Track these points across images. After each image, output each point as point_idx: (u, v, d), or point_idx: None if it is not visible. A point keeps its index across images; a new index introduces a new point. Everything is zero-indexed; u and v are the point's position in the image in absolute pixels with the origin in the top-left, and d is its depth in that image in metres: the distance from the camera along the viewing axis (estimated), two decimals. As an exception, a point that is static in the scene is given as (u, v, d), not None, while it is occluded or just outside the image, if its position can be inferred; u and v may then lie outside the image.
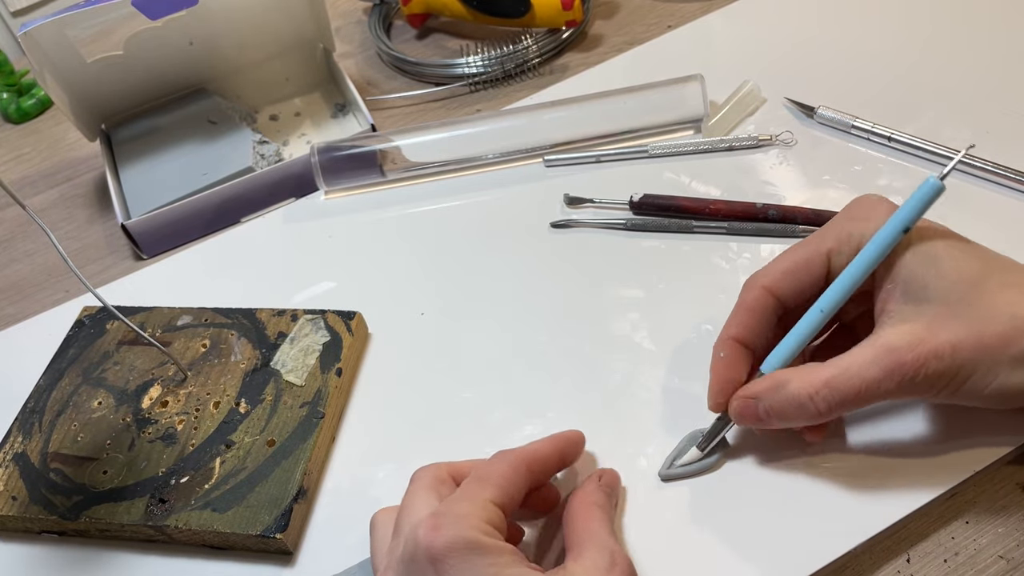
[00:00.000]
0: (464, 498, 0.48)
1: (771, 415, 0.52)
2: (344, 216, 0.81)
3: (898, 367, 0.48)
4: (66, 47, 0.84)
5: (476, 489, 0.49)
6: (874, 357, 0.49)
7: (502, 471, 0.50)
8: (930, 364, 0.48)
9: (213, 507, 0.59)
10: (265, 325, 0.69)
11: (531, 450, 0.53)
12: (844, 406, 0.50)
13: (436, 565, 0.45)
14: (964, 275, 0.49)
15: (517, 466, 0.51)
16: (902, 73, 0.81)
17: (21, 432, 0.65)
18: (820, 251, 0.53)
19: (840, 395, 0.49)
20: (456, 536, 0.45)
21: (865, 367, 0.49)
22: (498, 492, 0.49)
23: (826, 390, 0.50)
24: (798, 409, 0.51)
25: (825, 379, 0.50)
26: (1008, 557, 0.52)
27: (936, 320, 0.49)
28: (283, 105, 0.96)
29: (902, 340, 0.49)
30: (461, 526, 0.46)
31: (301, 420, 0.62)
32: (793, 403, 0.51)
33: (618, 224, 0.74)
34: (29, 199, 0.93)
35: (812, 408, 0.50)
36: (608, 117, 0.81)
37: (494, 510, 0.48)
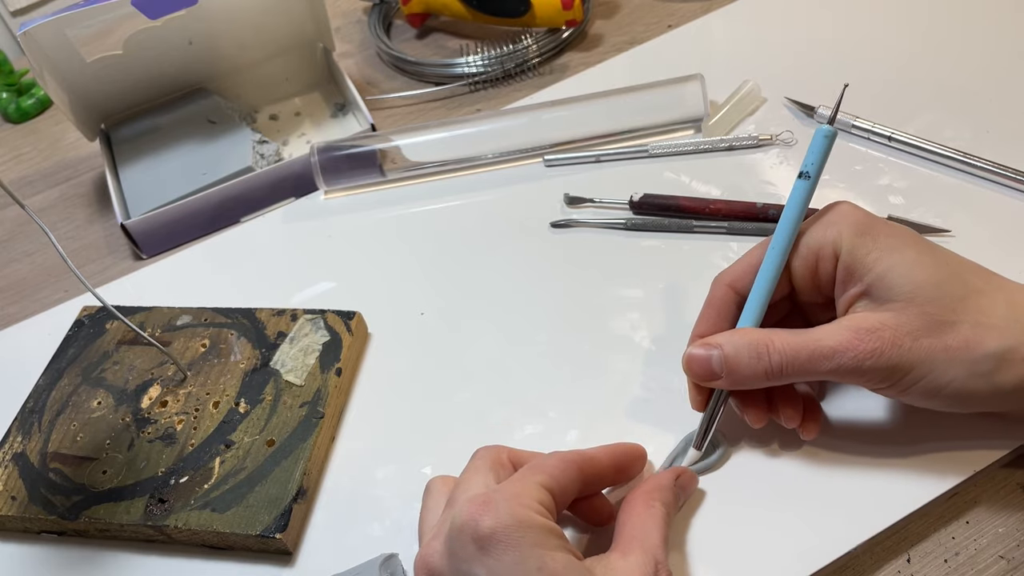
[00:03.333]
0: (517, 480, 0.48)
1: (725, 367, 0.52)
2: (344, 216, 0.81)
3: (856, 343, 0.49)
4: (65, 47, 0.84)
5: (529, 474, 0.49)
6: (837, 329, 0.50)
7: (555, 463, 0.50)
8: (887, 351, 0.48)
9: (212, 507, 0.59)
10: (265, 325, 0.69)
11: (587, 454, 0.52)
12: (796, 368, 0.50)
13: (481, 544, 0.45)
14: (931, 279, 0.49)
15: (569, 463, 0.50)
16: (902, 73, 0.81)
17: (20, 432, 0.65)
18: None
19: (793, 352, 0.50)
20: (505, 515, 0.45)
21: (826, 335, 0.50)
22: (550, 480, 0.48)
23: (782, 344, 0.50)
24: (753, 360, 0.51)
25: (784, 336, 0.51)
26: (1008, 557, 0.52)
27: (902, 314, 0.49)
28: (283, 105, 0.96)
29: (867, 322, 0.49)
30: (511, 504, 0.45)
31: (301, 420, 0.62)
32: (749, 352, 0.51)
33: (618, 224, 0.74)
34: (28, 199, 0.93)
35: (766, 362, 0.51)
36: (608, 117, 0.81)
37: (546, 493, 0.48)
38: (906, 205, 0.70)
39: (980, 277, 0.51)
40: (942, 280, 0.50)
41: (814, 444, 0.56)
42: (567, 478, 0.50)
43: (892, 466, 0.55)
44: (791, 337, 0.51)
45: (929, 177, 0.72)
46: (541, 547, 0.44)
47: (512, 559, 0.44)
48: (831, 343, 0.49)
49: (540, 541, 0.44)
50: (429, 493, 0.54)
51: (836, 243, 0.52)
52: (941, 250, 0.52)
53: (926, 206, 0.69)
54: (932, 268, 0.50)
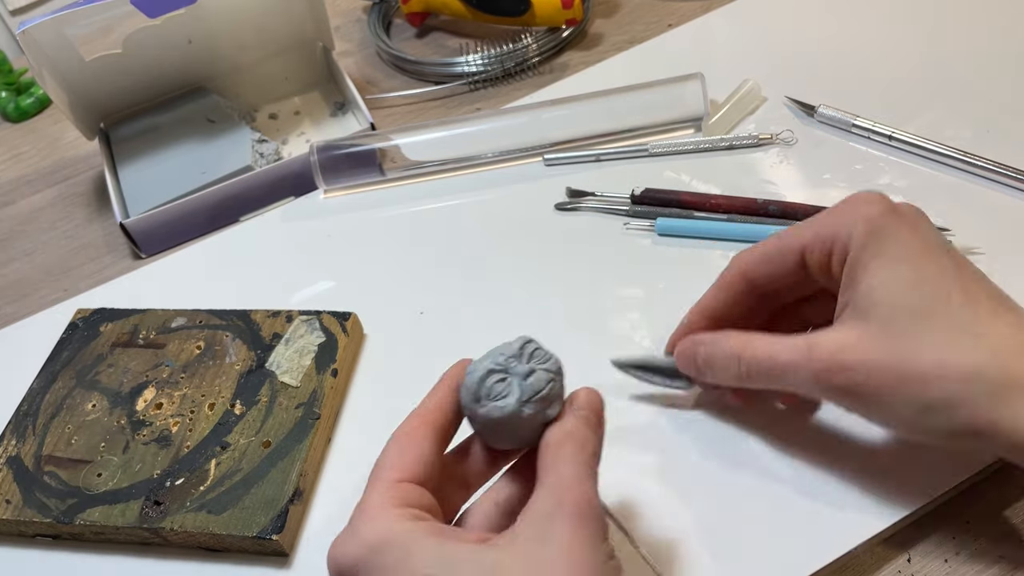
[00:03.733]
0: (367, 490, 0.45)
1: (706, 364, 0.54)
2: (343, 215, 0.81)
3: (807, 363, 0.48)
4: (65, 45, 0.84)
5: (374, 477, 0.46)
6: (795, 347, 0.49)
7: (392, 447, 0.47)
8: (838, 375, 0.47)
9: (208, 509, 0.58)
10: (260, 326, 0.68)
11: (421, 410, 0.49)
12: (760, 378, 0.51)
13: (364, 569, 0.42)
14: (913, 306, 0.46)
15: (407, 434, 0.47)
16: (903, 72, 0.81)
17: (15, 435, 0.65)
18: (794, 247, 0.52)
19: (756, 366, 0.51)
20: (358, 545, 0.42)
21: (784, 351, 0.50)
22: (398, 469, 0.45)
23: (750, 356, 0.51)
24: (726, 363, 0.52)
25: (755, 347, 0.51)
26: (1009, 557, 0.52)
27: (868, 338, 0.47)
28: (282, 104, 0.95)
29: (827, 343, 0.48)
30: (363, 528, 0.43)
31: (297, 421, 0.62)
32: (724, 358, 0.52)
33: (620, 211, 0.74)
34: (27, 198, 0.93)
35: (735, 369, 0.52)
36: (608, 116, 0.81)
37: (400, 489, 0.44)
38: (907, 205, 0.70)
39: (964, 311, 0.46)
40: (924, 308, 0.46)
41: (815, 444, 0.56)
42: (416, 449, 0.46)
43: (893, 466, 0.55)
44: (767, 346, 0.51)
45: (930, 176, 0.72)
46: (405, 561, 0.41)
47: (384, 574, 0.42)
48: (786, 358, 0.50)
49: (401, 555, 0.41)
50: None
51: (847, 239, 0.49)
52: (943, 270, 0.48)
53: (927, 205, 0.68)
54: (919, 293, 0.47)
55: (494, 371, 0.47)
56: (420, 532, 0.42)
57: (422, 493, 0.45)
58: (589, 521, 0.42)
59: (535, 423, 0.47)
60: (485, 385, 0.47)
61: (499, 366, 0.47)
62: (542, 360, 0.48)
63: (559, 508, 0.42)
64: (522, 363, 0.47)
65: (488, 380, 0.47)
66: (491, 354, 0.48)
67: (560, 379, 0.48)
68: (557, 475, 0.44)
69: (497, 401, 0.47)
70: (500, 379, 0.47)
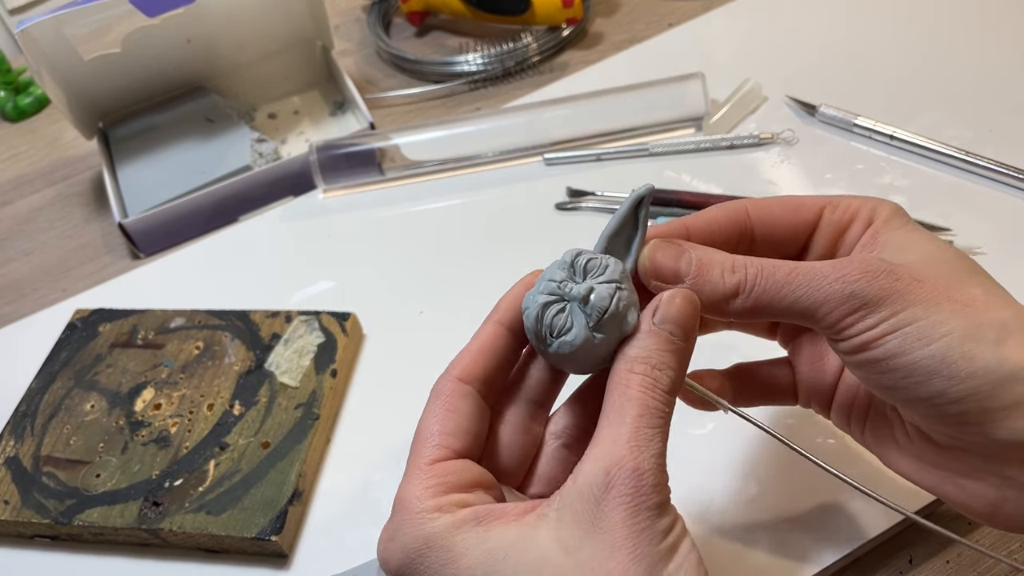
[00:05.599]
0: (404, 484, 0.40)
1: (698, 270, 0.42)
2: (342, 214, 0.81)
3: (846, 265, 0.40)
4: (63, 45, 0.83)
5: (412, 460, 0.41)
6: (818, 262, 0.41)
7: (428, 417, 0.42)
8: (880, 278, 0.40)
9: (207, 510, 0.58)
10: (259, 326, 0.68)
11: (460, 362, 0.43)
12: (771, 287, 0.41)
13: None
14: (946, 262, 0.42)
15: (444, 397, 0.42)
16: (904, 72, 0.81)
17: (13, 436, 0.65)
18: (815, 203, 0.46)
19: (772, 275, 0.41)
20: (400, 549, 0.39)
21: (804, 263, 0.41)
22: (435, 445, 0.40)
23: (761, 265, 0.42)
24: (726, 271, 0.41)
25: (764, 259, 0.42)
26: (1010, 558, 0.52)
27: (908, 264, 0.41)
28: (281, 103, 0.95)
29: (866, 255, 0.42)
30: (405, 528, 0.39)
31: (296, 422, 0.62)
32: (723, 265, 0.42)
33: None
34: (26, 198, 0.93)
35: (740, 275, 0.41)
36: (608, 115, 0.81)
37: (439, 473, 0.40)
38: (908, 204, 0.69)
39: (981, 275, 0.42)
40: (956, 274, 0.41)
41: (816, 445, 0.56)
42: (455, 415, 0.41)
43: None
44: (780, 261, 0.42)
45: (931, 176, 0.72)
46: (450, 563, 0.37)
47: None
48: (817, 266, 0.41)
49: (447, 556, 0.38)
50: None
51: (872, 212, 0.45)
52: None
53: (928, 205, 0.69)
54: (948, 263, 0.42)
55: (549, 303, 0.41)
56: (462, 527, 0.38)
57: (465, 467, 0.40)
58: (643, 505, 0.36)
59: (612, 343, 0.40)
60: (544, 322, 0.41)
61: (553, 294, 0.41)
62: (599, 271, 0.41)
63: (608, 491, 0.37)
64: (578, 282, 0.41)
65: (546, 315, 0.41)
66: (541, 280, 0.42)
67: (626, 283, 0.41)
68: (614, 434, 0.38)
69: (563, 336, 0.40)
70: (559, 310, 0.41)
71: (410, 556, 0.38)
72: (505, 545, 0.37)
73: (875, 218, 0.45)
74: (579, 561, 0.36)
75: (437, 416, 0.41)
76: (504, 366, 0.43)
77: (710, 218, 0.46)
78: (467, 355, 0.43)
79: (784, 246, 0.46)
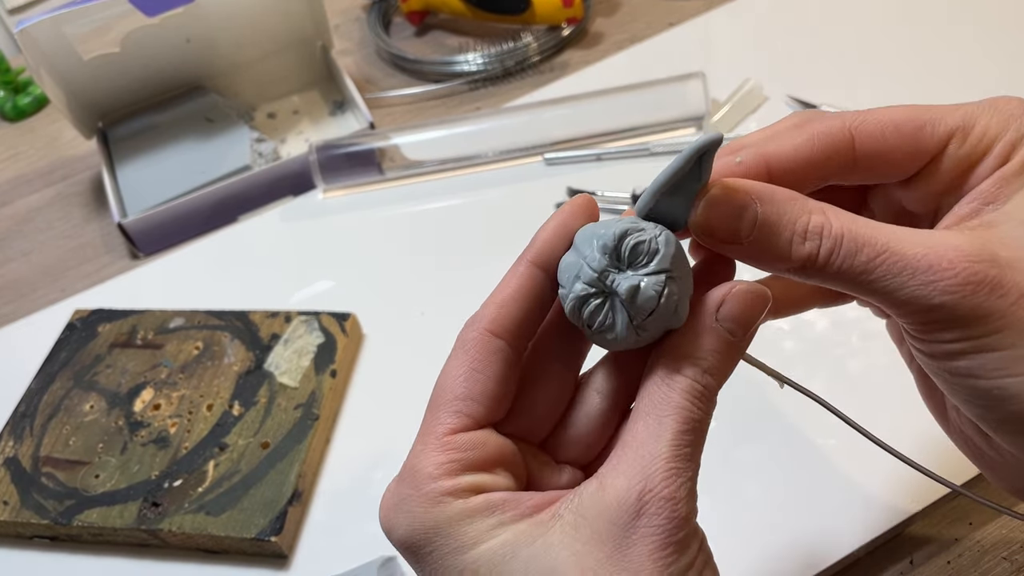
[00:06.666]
0: (418, 451, 0.37)
1: (761, 227, 0.35)
2: (342, 214, 0.80)
3: (956, 262, 0.33)
4: (63, 44, 0.83)
5: (429, 423, 0.37)
6: (932, 236, 0.35)
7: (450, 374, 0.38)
8: (992, 292, 0.33)
9: (207, 510, 0.58)
10: (258, 327, 0.68)
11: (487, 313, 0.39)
12: (851, 268, 0.34)
13: (404, 552, 0.36)
14: None
15: (468, 352, 0.38)
16: (905, 71, 0.81)
17: (12, 436, 0.65)
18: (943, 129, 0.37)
19: (857, 244, 0.34)
20: (407, 524, 0.35)
21: (911, 238, 0.34)
22: (454, 414, 0.36)
23: (840, 228, 0.34)
24: (797, 238, 0.34)
25: (848, 219, 0.35)
26: (1012, 559, 0.52)
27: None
28: (281, 103, 0.95)
29: (981, 240, 0.35)
30: (413, 502, 0.35)
31: (295, 422, 0.62)
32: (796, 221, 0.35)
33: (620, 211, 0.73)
34: (25, 197, 0.92)
35: (815, 244, 0.34)
36: (609, 115, 0.80)
37: (456, 448, 0.36)
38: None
39: None
40: None
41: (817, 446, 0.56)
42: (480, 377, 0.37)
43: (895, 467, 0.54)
44: (859, 225, 0.35)
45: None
46: (456, 553, 0.35)
47: (432, 568, 0.35)
48: (913, 253, 0.34)
49: (454, 545, 0.35)
50: None
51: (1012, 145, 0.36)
52: None
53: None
54: None
55: (587, 296, 0.35)
56: (473, 517, 0.35)
57: (485, 441, 0.36)
58: (673, 539, 0.33)
59: (658, 336, 0.36)
60: (583, 317, 0.35)
61: (593, 286, 0.35)
62: (646, 258, 0.34)
63: (638, 518, 0.33)
64: (621, 270, 0.35)
65: (584, 310, 0.35)
66: (579, 255, 0.36)
67: (679, 268, 0.35)
68: (651, 449, 0.34)
69: (604, 333, 0.35)
70: (598, 304, 0.35)
71: (415, 535, 0.35)
72: (515, 543, 0.34)
73: (1014, 155, 0.37)
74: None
75: (462, 375, 0.37)
76: (539, 312, 0.38)
77: (801, 147, 0.37)
78: (498, 302, 0.38)
79: (893, 174, 0.39)
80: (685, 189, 0.35)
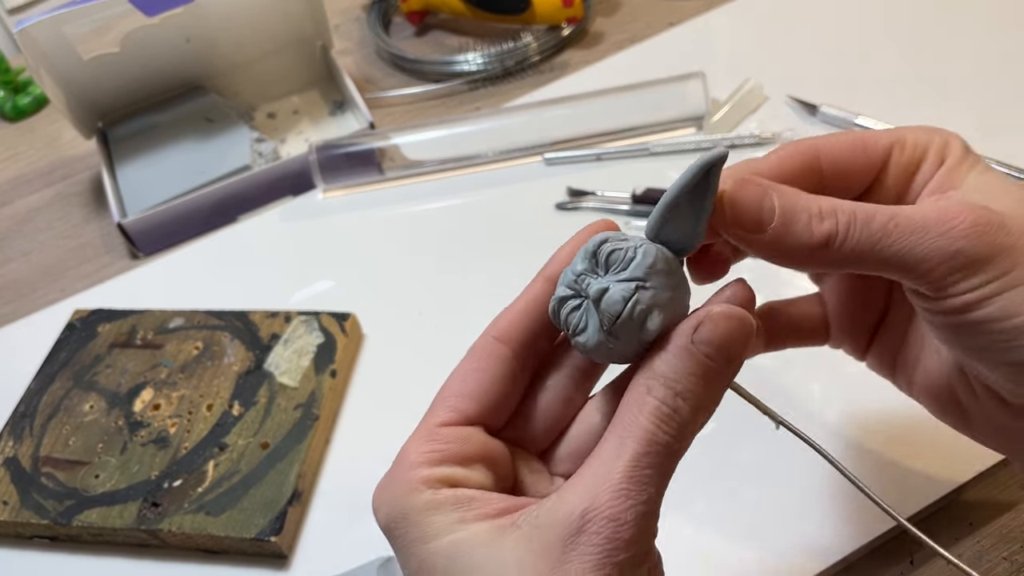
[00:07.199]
0: (412, 435, 0.38)
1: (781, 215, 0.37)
2: (342, 215, 0.80)
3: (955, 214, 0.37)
4: (62, 44, 0.83)
5: (427, 415, 0.39)
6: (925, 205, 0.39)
7: (456, 372, 0.39)
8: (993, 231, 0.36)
9: (207, 510, 0.58)
10: (258, 327, 0.68)
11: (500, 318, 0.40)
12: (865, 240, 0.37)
13: (388, 538, 0.37)
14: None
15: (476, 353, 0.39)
16: (905, 71, 0.81)
17: (12, 436, 0.65)
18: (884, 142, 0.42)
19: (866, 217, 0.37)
20: (387, 507, 0.37)
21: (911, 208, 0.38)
22: (447, 409, 0.38)
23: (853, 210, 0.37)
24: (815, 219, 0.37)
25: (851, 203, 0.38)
26: (1012, 559, 0.52)
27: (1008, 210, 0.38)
28: (281, 103, 0.95)
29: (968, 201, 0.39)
30: (394, 488, 0.37)
31: (295, 422, 0.62)
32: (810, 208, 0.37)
33: (620, 211, 0.74)
34: (25, 198, 0.92)
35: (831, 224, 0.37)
36: (609, 115, 0.80)
37: (440, 439, 0.37)
38: (909, 204, 0.70)
39: None
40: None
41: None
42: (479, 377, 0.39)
43: (895, 467, 0.55)
44: (864, 204, 0.38)
45: (932, 176, 0.72)
46: (419, 541, 0.35)
47: (400, 554, 0.36)
48: (918, 215, 0.37)
49: (418, 534, 0.35)
50: None
51: (943, 148, 0.41)
52: None
53: (929, 205, 0.69)
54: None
55: (566, 298, 0.36)
56: (439, 509, 0.35)
57: (469, 437, 0.37)
58: (612, 560, 0.33)
59: (633, 348, 0.36)
60: (560, 318, 0.37)
61: (571, 289, 0.36)
62: (620, 265, 0.36)
63: (579, 535, 0.33)
64: (598, 276, 0.36)
65: (562, 311, 0.36)
66: (571, 265, 0.37)
67: (655, 279, 0.35)
68: (604, 468, 0.34)
69: (578, 336, 0.36)
70: (575, 307, 0.36)
71: (391, 518, 0.37)
72: (471, 541, 0.35)
73: (947, 155, 0.41)
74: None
75: (461, 375, 0.39)
76: (550, 327, 0.39)
77: (780, 158, 0.41)
78: (509, 313, 0.39)
79: (853, 187, 0.42)
80: (693, 206, 0.36)
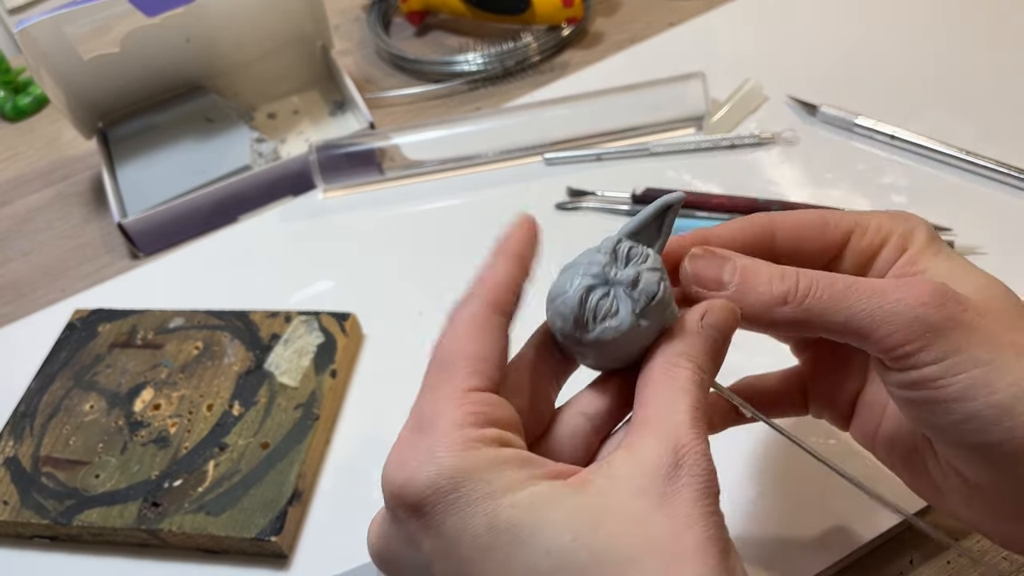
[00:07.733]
0: (430, 402, 0.38)
1: (742, 276, 0.40)
2: (342, 214, 0.80)
3: (915, 286, 0.38)
4: (63, 44, 0.83)
5: (441, 382, 0.38)
6: (889, 278, 0.41)
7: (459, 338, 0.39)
8: (951, 307, 0.38)
9: (207, 510, 0.58)
10: (258, 327, 0.68)
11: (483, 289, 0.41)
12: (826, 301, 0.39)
13: (416, 513, 0.35)
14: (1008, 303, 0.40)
15: (477, 322, 0.39)
16: (905, 71, 0.81)
17: (12, 436, 0.65)
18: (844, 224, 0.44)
19: (827, 286, 0.39)
20: (427, 475, 0.35)
21: (873, 280, 0.40)
22: (470, 372, 0.38)
23: (815, 275, 0.40)
24: (775, 279, 0.40)
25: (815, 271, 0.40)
26: (1012, 559, 0.52)
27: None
28: (281, 103, 0.95)
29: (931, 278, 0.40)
30: (436, 451, 0.35)
31: (295, 422, 0.62)
32: (771, 269, 0.40)
33: (620, 211, 0.74)
34: (25, 198, 0.92)
35: (791, 282, 0.40)
36: (609, 115, 0.80)
37: (477, 403, 0.37)
38: (909, 204, 0.69)
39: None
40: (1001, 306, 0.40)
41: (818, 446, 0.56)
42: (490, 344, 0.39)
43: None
44: (823, 272, 0.40)
45: (932, 176, 0.72)
46: (489, 497, 0.34)
47: (454, 525, 0.35)
48: (878, 283, 0.39)
49: (487, 490, 0.34)
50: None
51: (908, 235, 0.43)
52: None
53: (929, 205, 0.69)
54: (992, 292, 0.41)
55: (594, 287, 0.39)
56: (508, 465, 0.35)
57: (501, 403, 0.37)
58: (711, 490, 0.35)
59: (651, 334, 0.39)
60: (588, 306, 0.38)
61: (596, 278, 0.39)
62: (641, 259, 0.39)
63: (678, 469, 0.34)
64: (621, 268, 0.39)
65: (590, 299, 0.38)
66: (575, 268, 0.40)
67: (666, 275, 0.39)
68: (670, 418, 0.36)
69: (608, 321, 0.38)
70: (603, 294, 0.38)
71: (440, 480, 0.35)
72: (551, 495, 0.34)
73: (910, 244, 0.43)
74: (650, 536, 0.33)
75: (471, 337, 0.39)
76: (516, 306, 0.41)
77: (733, 230, 0.44)
78: (496, 281, 0.41)
79: (810, 264, 0.42)
80: (644, 238, 0.40)
